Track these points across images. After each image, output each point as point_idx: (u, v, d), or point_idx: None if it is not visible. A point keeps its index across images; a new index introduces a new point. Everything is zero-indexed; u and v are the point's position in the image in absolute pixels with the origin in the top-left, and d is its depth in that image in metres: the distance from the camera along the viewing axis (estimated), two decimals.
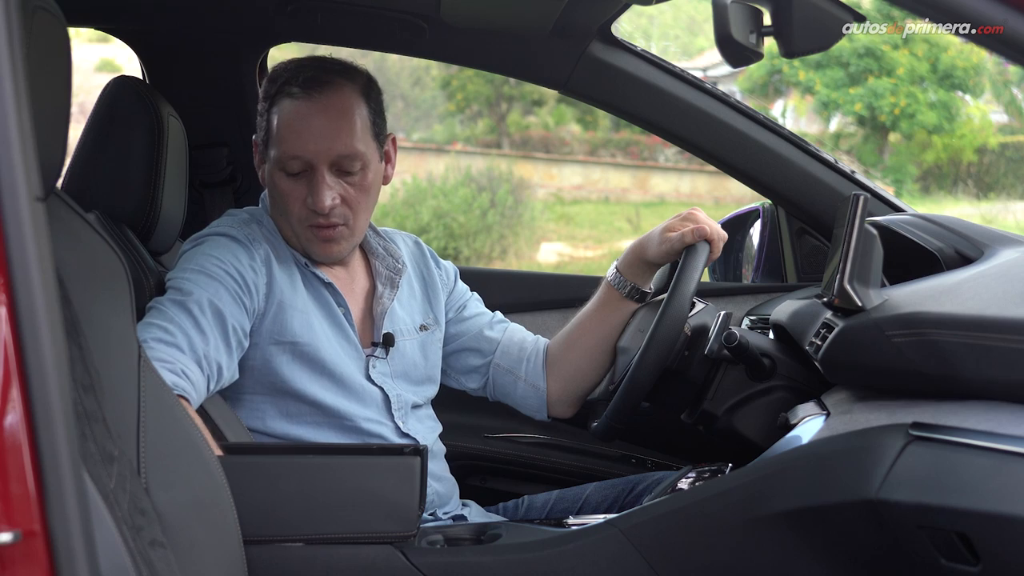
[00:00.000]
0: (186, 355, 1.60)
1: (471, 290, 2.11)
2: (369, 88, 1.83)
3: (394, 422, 1.83)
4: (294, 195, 1.78)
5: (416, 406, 1.90)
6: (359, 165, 1.78)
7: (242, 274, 1.72)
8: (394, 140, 1.89)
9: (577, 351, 1.97)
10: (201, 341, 1.63)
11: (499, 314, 2.09)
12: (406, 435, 1.84)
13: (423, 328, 1.95)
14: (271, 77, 1.82)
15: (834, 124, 18.07)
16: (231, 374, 1.70)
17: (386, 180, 1.88)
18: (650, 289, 1.96)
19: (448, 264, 2.09)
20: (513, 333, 2.03)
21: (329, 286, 1.83)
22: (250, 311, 1.73)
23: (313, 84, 1.76)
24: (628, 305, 1.95)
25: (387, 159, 1.87)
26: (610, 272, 1.96)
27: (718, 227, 1.85)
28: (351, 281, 1.89)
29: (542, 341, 2.03)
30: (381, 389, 1.84)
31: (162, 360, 1.57)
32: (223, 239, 1.77)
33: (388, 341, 1.86)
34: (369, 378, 1.83)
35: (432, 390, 1.97)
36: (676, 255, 1.85)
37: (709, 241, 1.82)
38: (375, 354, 1.86)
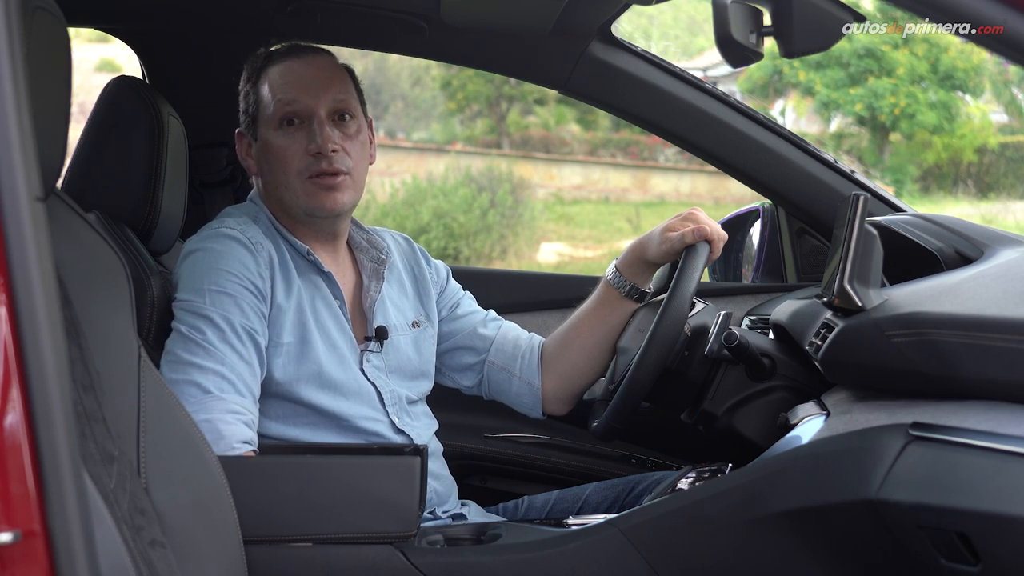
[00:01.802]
0: (248, 399, 1.65)
1: (470, 290, 2.12)
2: (349, 69, 1.90)
3: (389, 418, 1.83)
4: (293, 148, 1.79)
5: (411, 402, 1.90)
6: (352, 115, 1.83)
7: (255, 283, 1.73)
8: (371, 123, 1.93)
9: (574, 349, 1.98)
10: (251, 377, 1.67)
11: (492, 312, 2.09)
12: (401, 431, 1.84)
13: (415, 324, 1.96)
14: (249, 62, 1.89)
15: (834, 124, 18.07)
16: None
17: (372, 159, 1.91)
18: (649, 289, 1.96)
19: (439, 263, 2.09)
20: (507, 331, 2.04)
21: (327, 276, 1.83)
22: (265, 319, 1.74)
23: (298, 49, 1.85)
24: (627, 304, 1.95)
25: (370, 139, 1.91)
26: (609, 271, 1.96)
27: (718, 227, 1.85)
28: (342, 275, 1.89)
29: (536, 338, 2.03)
30: (374, 385, 1.84)
31: (236, 412, 1.61)
32: (229, 243, 1.76)
33: (381, 334, 1.87)
34: (363, 372, 1.83)
35: (427, 385, 1.97)
36: (676, 255, 1.85)
37: (709, 241, 1.82)
38: (369, 348, 1.86)
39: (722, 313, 1.81)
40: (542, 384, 2.00)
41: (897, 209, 2.23)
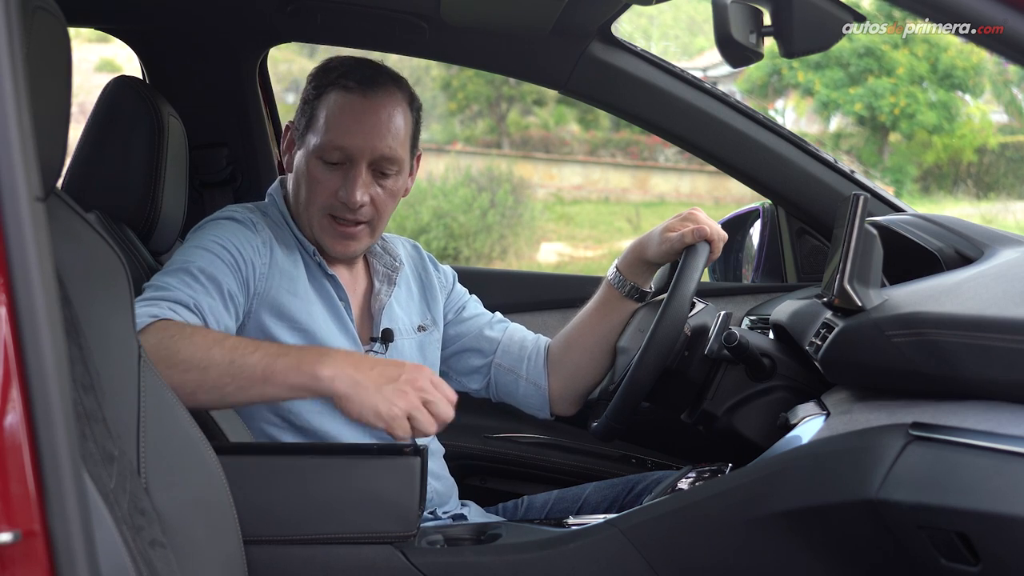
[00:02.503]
0: (174, 302, 1.61)
1: (471, 292, 2.12)
2: (412, 101, 1.86)
3: None
4: (326, 184, 1.79)
5: None
6: (395, 170, 1.81)
7: (240, 251, 1.73)
8: (419, 157, 1.92)
9: (578, 350, 1.98)
10: (193, 293, 1.64)
11: (499, 314, 2.09)
12: None
13: (421, 329, 1.96)
14: (324, 67, 1.84)
15: (834, 124, 18.07)
16: (232, 331, 1.70)
17: (405, 192, 1.90)
18: (650, 289, 1.96)
19: (447, 268, 2.10)
20: (513, 332, 2.04)
21: (332, 278, 1.84)
22: (246, 286, 1.73)
23: (370, 83, 1.79)
24: (628, 304, 1.95)
25: (411, 172, 1.90)
26: (610, 272, 1.97)
27: (718, 227, 1.85)
28: (353, 280, 1.90)
29: (543, 340, 2.04)
30: None
31: (146, 304, 1.57)
32: (225, 221, 1.79)
33: (387, 337, 1.87)
34: None
35: None
36: (676, 255, 1.85)
37: (709, 241, 1.82)
38: (373, 349, 1.86)
39: (722, 313, 1.81)
40: (548, 385, 2.00)
41: (897, 209, 2.23)
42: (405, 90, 1.84)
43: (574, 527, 1.70)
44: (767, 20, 1.43)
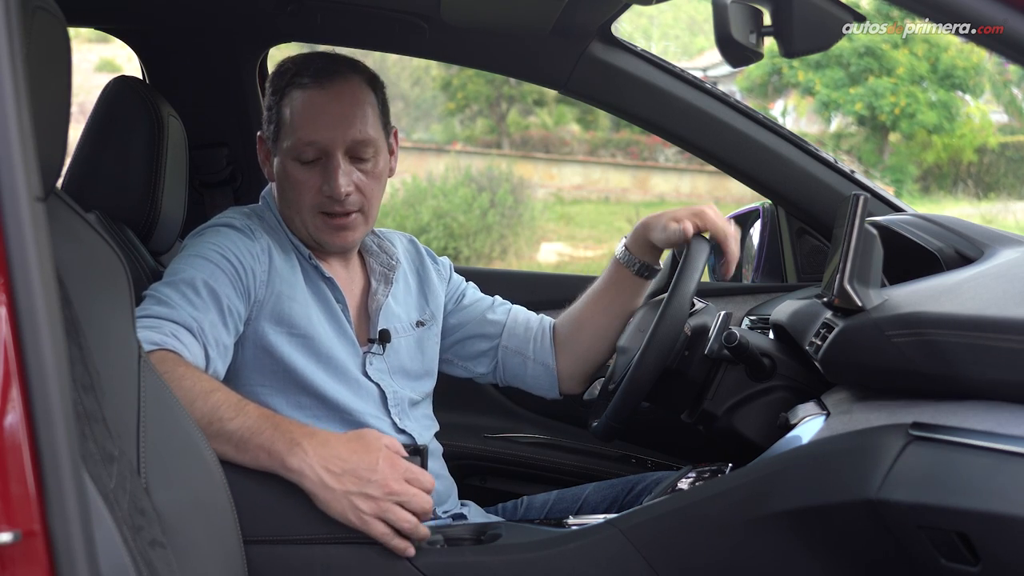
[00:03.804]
0: (176, 324, 1.60)
1: None
2: (375, 81, 1.86)
3: (391, 418, 1.84)
4: (308, 184, 1.79)
5: (414, 404, 1.90)
6: (371, 152, 1.81)
7: (240, 259, 1.73)
8: (396, 133, 1.92)
9: (589, 329, 1.98)
10: (195, 312, 1.63)
11: (499, 298, 2.10)
12: (403, 431, 1.84)
13: (419, 324, 1.96)
14: (278, 71, 1.84)
15: (834, 124, 18.08)
16: (230, 350, 1.70)
17: (391, 172, 1.90)
18: (659, 267, 1.95)
19: (443, 259, 2.11)
20: (517, 314, 2.05)
21: (329, 281, 1.84)
22: (247, 294, 1.73)
23: (324, 74, 1.79)
24: (638, 282, 1.94)
25: (391, 151, 1.90)
26: (619, 250, 1.96)
27: (726, 225, 1.83)
28: (350, 281, 1.90)
29: (547, 320, 2.04)
30: (378, 385, 1.84)
31: (149, 327, 1.56)
32: (224, 229, 1.78)
33: (384, 338, 1.87)
34: (366, 375, 1.84)
35: (430, 384, 1.97)
36: (676, 244, 1.85)
37: (717, 240, 1.81)
38: (372, 351, 1.86)
39: (722, 313, 1.81)
40: (557, 364, 2.00)
41: (897, 209, 2.23)
42: (363, 72, 1.84)
43: (574, 527, 1.70)
44: (767, 20, 1.43)
